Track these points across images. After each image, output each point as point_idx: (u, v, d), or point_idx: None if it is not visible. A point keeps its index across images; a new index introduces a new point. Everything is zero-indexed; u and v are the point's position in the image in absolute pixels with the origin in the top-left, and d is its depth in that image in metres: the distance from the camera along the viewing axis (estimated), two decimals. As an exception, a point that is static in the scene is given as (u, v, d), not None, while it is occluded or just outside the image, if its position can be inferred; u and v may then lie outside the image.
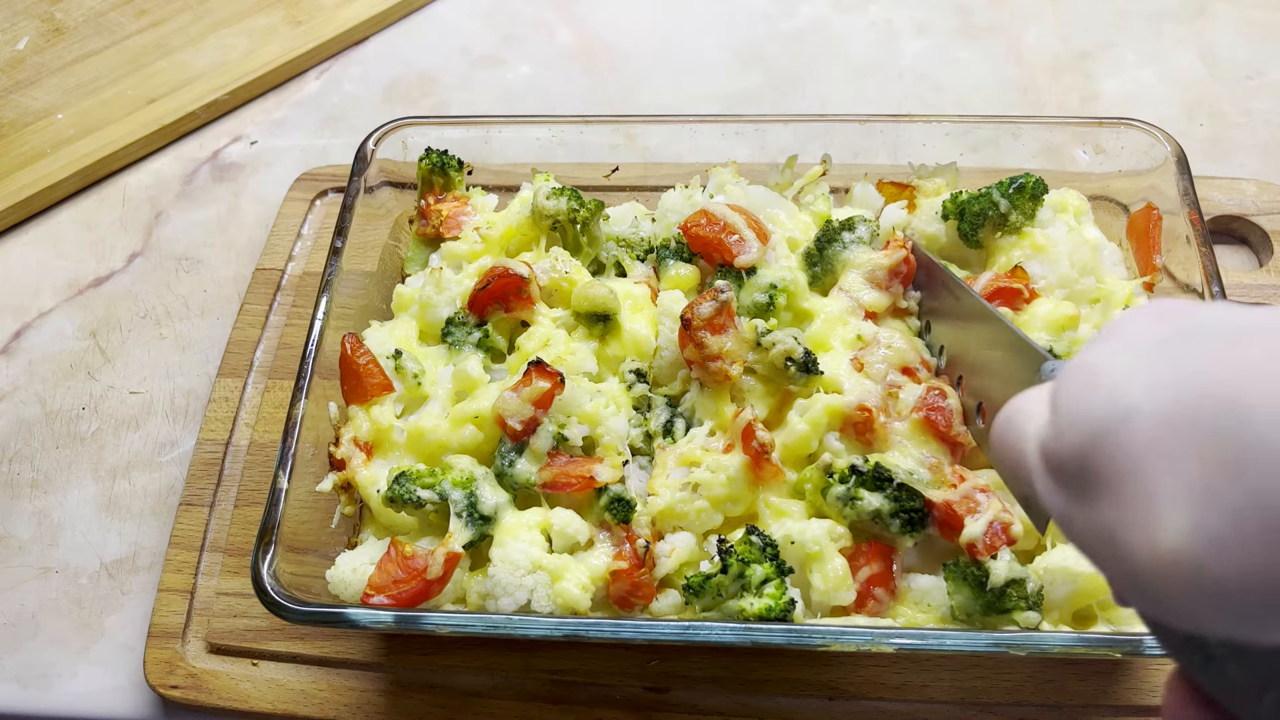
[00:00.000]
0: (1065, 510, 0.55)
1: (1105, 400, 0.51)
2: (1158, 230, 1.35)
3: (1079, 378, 0.54)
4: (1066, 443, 0.54)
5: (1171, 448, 0.47)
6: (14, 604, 1.37)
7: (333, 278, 1.33)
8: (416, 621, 1.06)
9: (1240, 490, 0.44)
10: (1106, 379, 0.52)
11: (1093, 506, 0.52)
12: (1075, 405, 0.53)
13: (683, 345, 1.22)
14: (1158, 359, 0.51)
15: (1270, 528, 0.43)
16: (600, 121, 1.51)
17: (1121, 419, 0.50)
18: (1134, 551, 0.49)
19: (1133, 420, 0.49)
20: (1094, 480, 0.51)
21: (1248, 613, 0.45)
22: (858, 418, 1.17)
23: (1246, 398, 0.45)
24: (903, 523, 1.11)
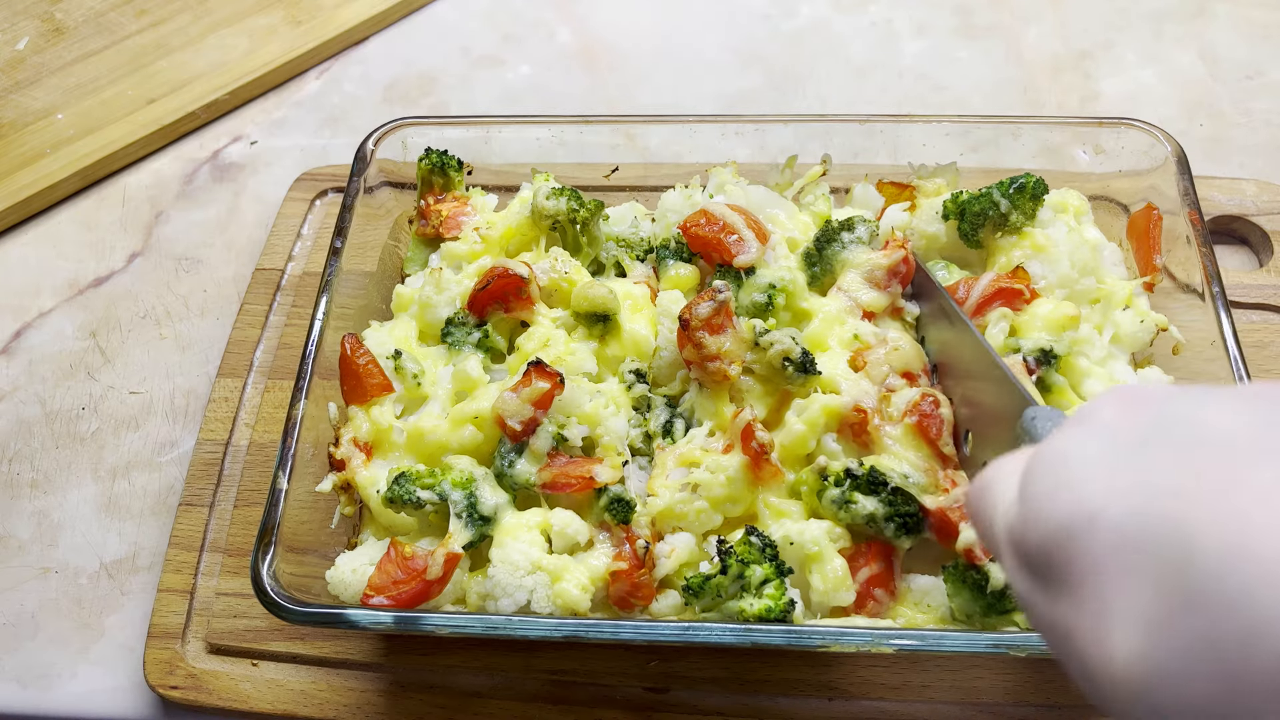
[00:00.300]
0: (1027, 595, 0.57)
1: (1070, 500, 0.53)
2: (1158, 230, 1.35)
3: (1047, 469, 0.56)
4: (1032, 534, 0.56)
5: (1129, 563, 0.48)
6: (14, 604, 1.37)
7: (332, 278, 1.33)
8: (416, 622, 1.06)
9: (1191, 629, 0.45)
10: (1074, 477, 0.54)
11: (1053, 601, 0.54)
12: (1042, 500, 0.56)
13: (681, 345, 1.22)
14: (1122, 462, 0.52)
15: (1218, 673, 0.44)
16: (600, 121, 1.51)
17: (1085, 524, 0.51)
18: (1086, 655, 0.51)
19: (1095, 527, 0.51)
20: (1056, 576, 0.54)
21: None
22: (854, 418, 1.17)
23: (1198, 528, 0.46)
24: (897, 526, 1.11)
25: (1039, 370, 1.22)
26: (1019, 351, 1.23)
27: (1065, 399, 1.23)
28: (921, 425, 1.15)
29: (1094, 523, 0.51)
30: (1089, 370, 1.25)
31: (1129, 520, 0.49)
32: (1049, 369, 1.22)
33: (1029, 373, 1.20)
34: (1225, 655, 0.44)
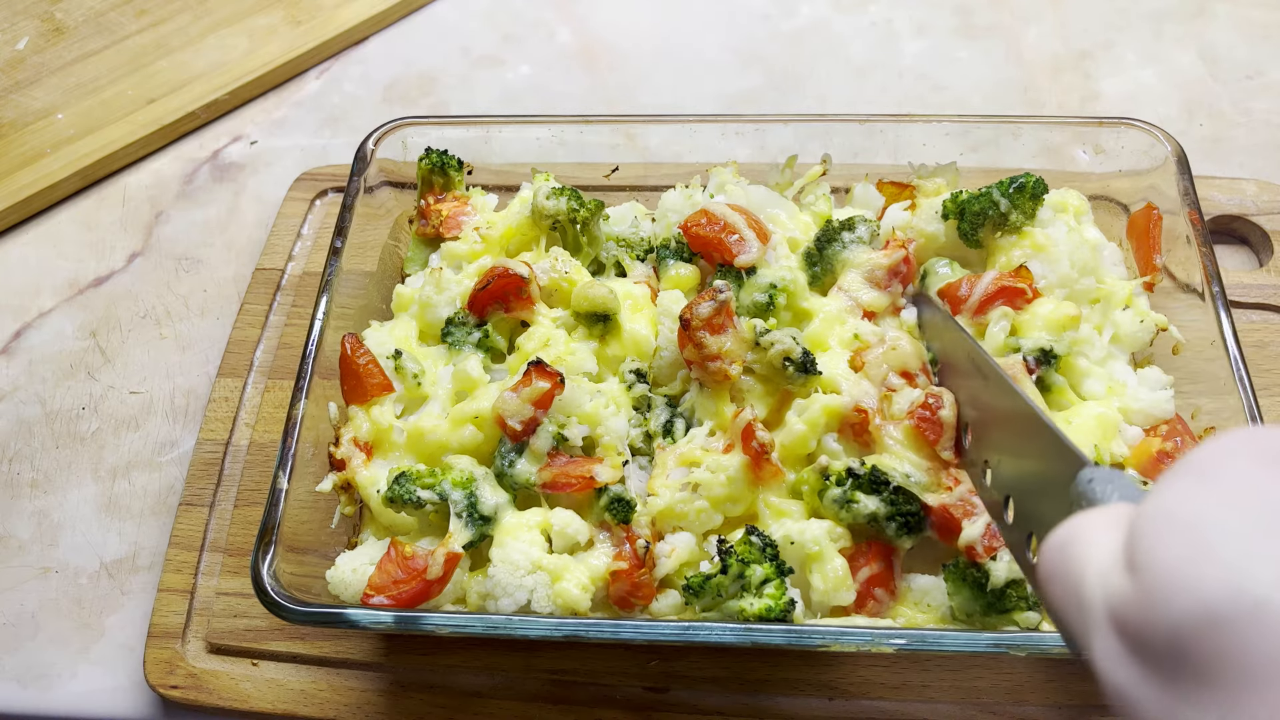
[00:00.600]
0: (1137, 689, 0.48)
1: (1220, 580, 0.44)
2: (1158, 230, 1.35)
3: (1174, 536, 0.47)
4: (1160, 617, 0.46)
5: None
6: (14, 604, 1.37)
7: (332, 278, 1.33)
8: (416, 622, 1.06)
9: None
10: (1219, 551, 0.45)
11: (1184, 701, 0.45)
12: (1175, 574, 0.46)
13: (682, 345, 1.22)
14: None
15: None
16: (600, 121, 1.51)
17: (1249, 612, 0.43)
18: None
19: (1263, 617, 0.42)
20: (1196, 672, 0.44)
21: None
22: (854, 418, 1.17)
23: None
24: (899, 525, 1.11)
25: (1039, 370, 1.22)
26: (1019, 351, 1.23)
27: (1064, 398, 1.23)
28: (920, 429, 1.15)
29: (1260, 611, 0.42)
30: (1089, 370, 1.25)
31: None
32: (1049, 369, 1.22)
33: (1029, 372, 1.20)
34: None
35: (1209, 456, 0.50)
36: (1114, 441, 1.19)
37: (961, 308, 1.29)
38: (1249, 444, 0.50)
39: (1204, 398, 1.23)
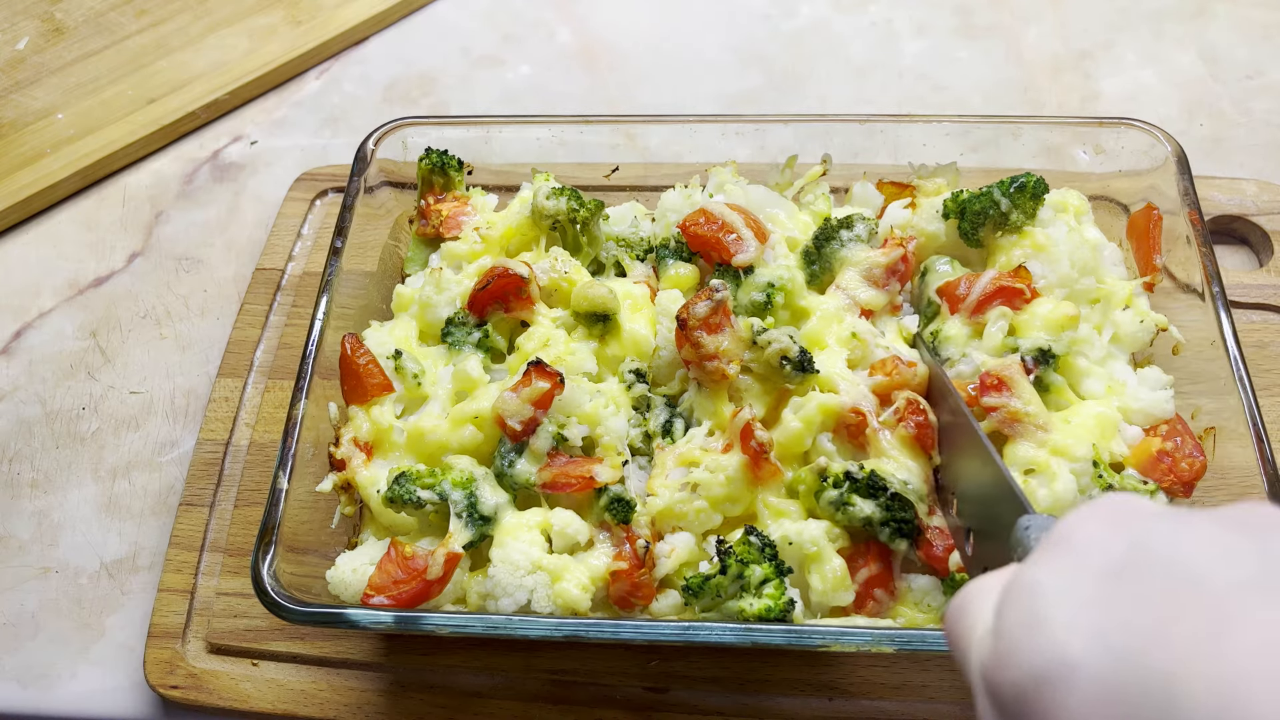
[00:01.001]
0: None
1: (1046, 644, 0.50)
2: (1158, 230, 1.35)
3: (1023, 601, 0.54)
4: (1006, 677, 0.53)
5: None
6: (14, 604, 1.37)
7: (333, 278, 1.33)
8: (416, 622, 1.06)
9: None
10: (1049, 614, 0.51)
11: None
12: (1017, 638, 0.53)
13: (679, 345, 1.22)
14: (1102, 603, 0.50)
15: None
16: (600, 121, 1.51)
17: (1062, 674, 0.49)
18: None
19: (1073, 680, 0.48)
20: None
21: None
22: (850, 420, 1.17)
23: (1184, 685, 0.43)
24: (892, 531, 1.11)
25: (1037, 369, 1.22)
26: (1017, 351, 1.23)
27: (1063, 398, 1.23)
28: (917, 436, 1.15)
29: (1072, 675, 0.48)
30: (1088, 370, 1.25)
31: (1109, 675, 0.46)
32: (1047, 368, 1.22)
33: (1027, 372, 1.20)
34: None
35: (1068, 524, 0.56)
36: (1114, 441, 1.19)
37: (959, 306, 1.29)
38: (1098, 509, 0.56)
39: (1204, 398, 1.23)
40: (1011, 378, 1.18)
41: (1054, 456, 1.12)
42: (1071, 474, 1.11)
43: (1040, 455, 1.12)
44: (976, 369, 1.23)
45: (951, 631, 0.64)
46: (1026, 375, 1.20)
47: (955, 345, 1.26)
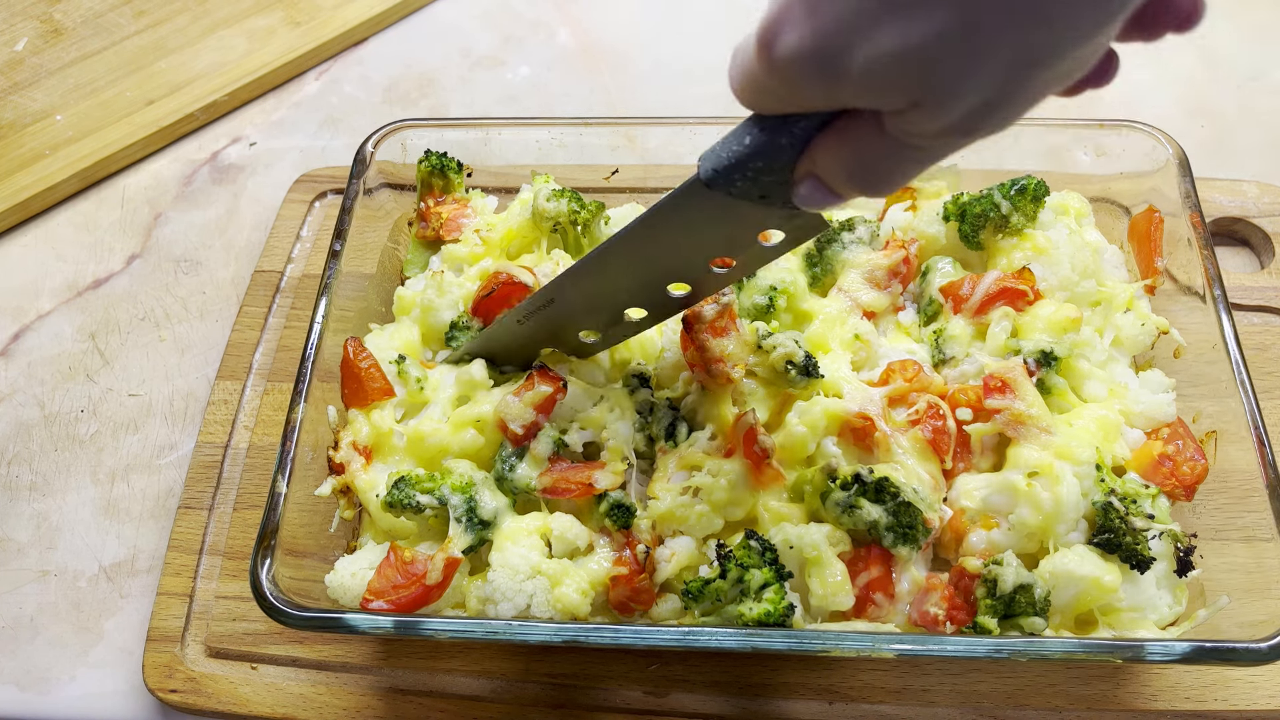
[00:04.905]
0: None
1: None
2: (1159, 232, 1.35)
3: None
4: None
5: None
6: (12, 607, 1.37)
7: (332, 280, 1.33)
8: (415, 627, 1.05)
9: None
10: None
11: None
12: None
13: (684, 348, 1.22)
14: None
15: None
16: (600, 123, 1.51)
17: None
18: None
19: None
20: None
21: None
22: (857, 423, 1.17)
23: None
24: (896, 537, 1.10)
25: (1039, 372, 1.21)
26: (1019, 353, 1.23)
27: (1065, 401, 1.23)
28: (933, 441, 1.15)
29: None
30: (1089, 373, 1.24)
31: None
32: (1049, 371, 1.22)
33: (1029, 374, 1.20)
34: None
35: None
36: (1115, 444, 1.19)
37: (963, 306, 1.28)
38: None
39: (1205, 400, 1.22)
40: (1015, 380, 1.18)
41: (1057, 459, 1.12)
42: (1075, 477, 1.11)
43: (1044, 458, 1.12)
44: (980, 370, 1.22)
45: (733, 71, 0.78)
46: (1029, 378, 1.20)
47: (959, 345, 1.26)
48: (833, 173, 0.78)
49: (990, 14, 0.60)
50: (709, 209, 0.92)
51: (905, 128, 0.70)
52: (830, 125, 0.77)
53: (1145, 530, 1.08)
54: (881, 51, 0.64)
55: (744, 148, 0.82)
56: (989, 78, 0.64)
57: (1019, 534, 1.12)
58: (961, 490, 1.16)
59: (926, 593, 1.11)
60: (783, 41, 0.68)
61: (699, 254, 1.03)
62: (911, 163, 0.75)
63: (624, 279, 1.09)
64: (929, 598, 1.10)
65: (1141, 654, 0.99)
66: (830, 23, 0.65)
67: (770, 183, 0.83)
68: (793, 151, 0.80)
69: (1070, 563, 1.08)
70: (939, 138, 0.71)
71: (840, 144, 0.76)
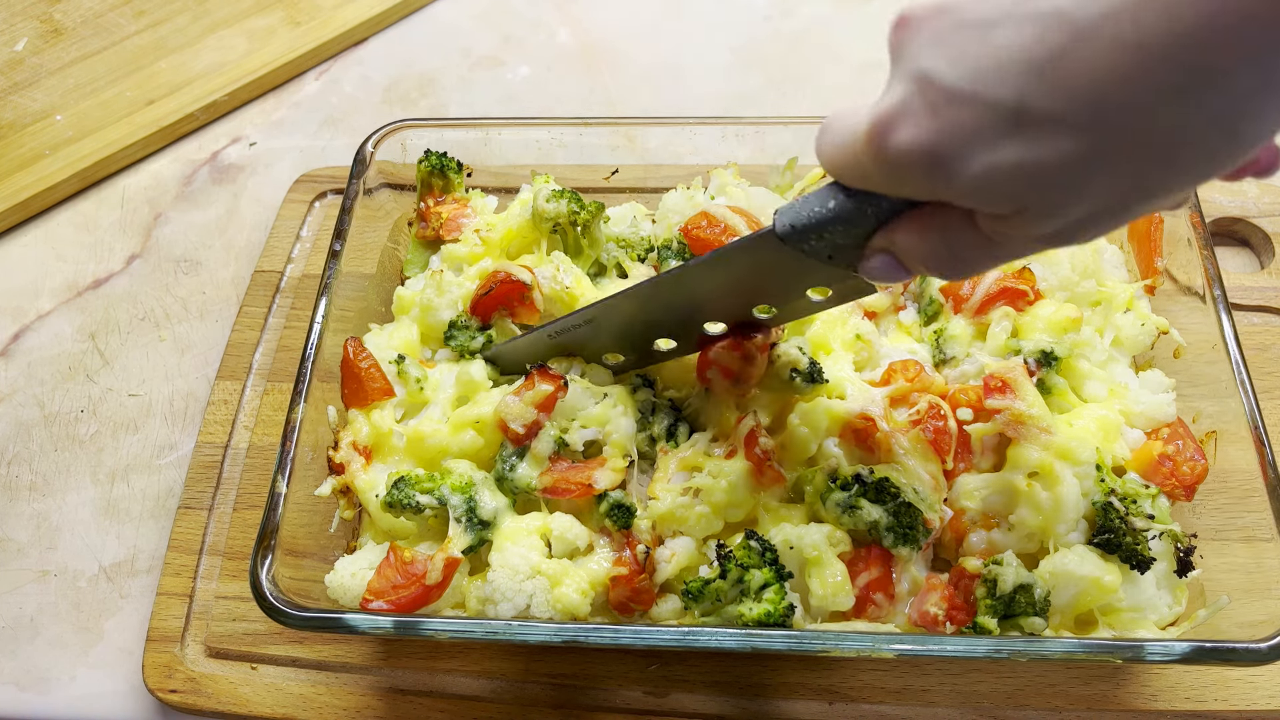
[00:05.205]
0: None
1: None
2: (1159, 233, 1.35)
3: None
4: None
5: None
6: (12, 607, 1.37)
7: (332, 280, 1.33)
8: (415, 627, 1.05)
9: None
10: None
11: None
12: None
13: (702, 368, 1.20)
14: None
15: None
16: (600, 123, 1.50)
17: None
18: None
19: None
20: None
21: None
22: (858, 424, 1.17)
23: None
24: (897, 537, 1.10)
25: (1039, 372, 1.21)
26: (1020, 353, 1.23)
27: (1065, 401, 1.23)
28: (934, 441, 1.15)
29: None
30: (1090, 373, 1.24)
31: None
32: (1049, 371, 1.22)
33: (1030, 374, 1.20)
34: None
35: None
36: (1115, 444, 1.19)
37: (963, 306, 1.29)
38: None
39: (1205, 401, 1.22)
40: (1015, 380, 1.18)
41: (1057, 459, 1.12)
42: (1075, 477, 1.11)
43: (1044, 458, 1.12)
44: (980, 369, 1.22)
45: (827, 143, 0.78)
46: (1030, 377, 1.20)
47: (959, 344, 1.26)
48: (913, 255, 0.79)
49: (1118, 148, 0.62)
50: (771, 260, 0.95)
51: (1003, 229, 0.71)
52: (917, 208, 0.78)
53: (1145, 530, 1.08)
54: (1000, 163, 0.65)
55: (827, 211, 0.84)
56: (1101, 200, 0.66)
57: (1019, 534, 1.12)
58: (962, 490, 1.16)
59: (926, 593, 1.11)
60: (898, 136, 0.69)
61: (747, 298, 1.07)
62: (999, 258, 0.76)
63: (668, 310, 1.13)
64: (929, 598, 1.10)
65: (1141, 654, 0.99)
66: (953, 128, 0.66)
67: (842, 246, 0.86)
68: (874, 223, 0.82)
69: (1070, 563, 1.08)
70: (1034, 243, 0.72)
71: (927, 230, 0.77)
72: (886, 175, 0.73)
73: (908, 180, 0.72)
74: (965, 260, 0.77)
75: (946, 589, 1.10)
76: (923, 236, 0.78)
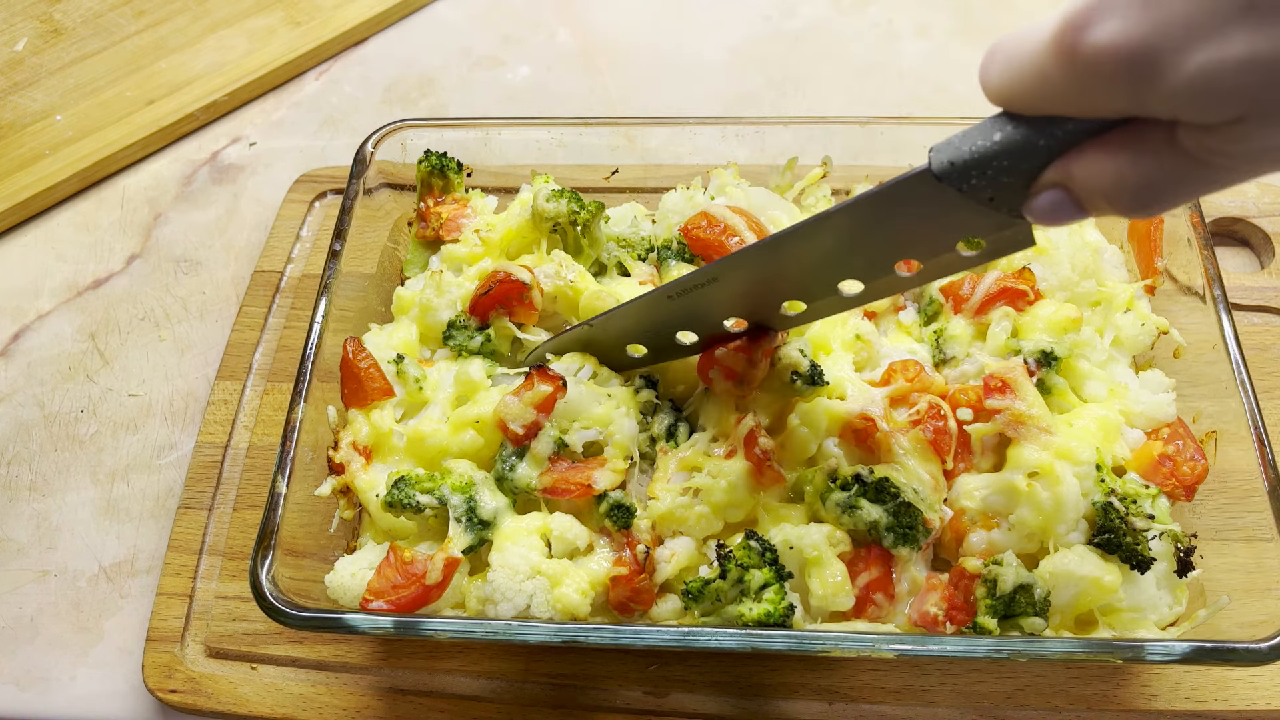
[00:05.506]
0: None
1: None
2: (1159, 233, 1.35)
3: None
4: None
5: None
6: (12, 607, 1.37)
7: (332, 280, 1.33)
8: (415, 627, 1.05)
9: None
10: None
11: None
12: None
13: (705, 366, 1.20)
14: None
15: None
16: (600, 124, 1.50)
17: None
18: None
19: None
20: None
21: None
22: (858, 424, 1.17)
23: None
24: (897, 537, 1.10)
25: (1039, 372, 1.21)
26: (1020, 353, 1.23)
27: (1066, 401, 1.23)
28: (934, 440, 1.15)
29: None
30: (1090, 372, 1.24)
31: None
32: (1049, 370, 1.22)
33: (1030, 374, 1.20)
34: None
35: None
36: (1115, 444, 1.19)
37: (963, 306, 1.29)
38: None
39: (1205, 401, 1.22)
40: (1015, 380, 1.18)
41: (1057, 459, 1.12)
42: (1075, 477, 1.11)
43: (1044, 458, 1.12)
44: (980, 369, 1.22)
45: (999, 62, 0.70)
46: (1030, 377, 1.20)
47: (959, 344, 1.26)
48: (1096, 187, 0.69)
49: None
50: (922, 206, 0.83)
51: (1215, 145, 0.62)
52: (1105, 134, 0.68)
53: (1145, 530, 1.08)
54: (1227, 57, 0.57)
55: (992, 145, 0.74)
56: None
57: (1019, 534, 1.12)
58: (962, 490, 1.16)
59: (926, 593, 1.11)
60: (1100, 31, 0.60)
61: (889, 252, 0.94)
62: (1201, 184, 0.67)
63: (796, 268, 1.00)
64: (929, 598, 1.10)
65: (1141, 654, 0.99)
66: (1171, 16, 0.57)
67: (1007, 184, 0.75)
68: (1047, 156, 0.72)
69: (1070, 563, 1.08)
70: (1249, 160, 0.63)
71: (1116, 156, 0.67)
72: (1078, 84, 0.63)
73: (1105, 89, 0.62)
74: (1159, 190, 0.66)
75: (946, 589, 1.10)
76: (1109, 165, 0.67)
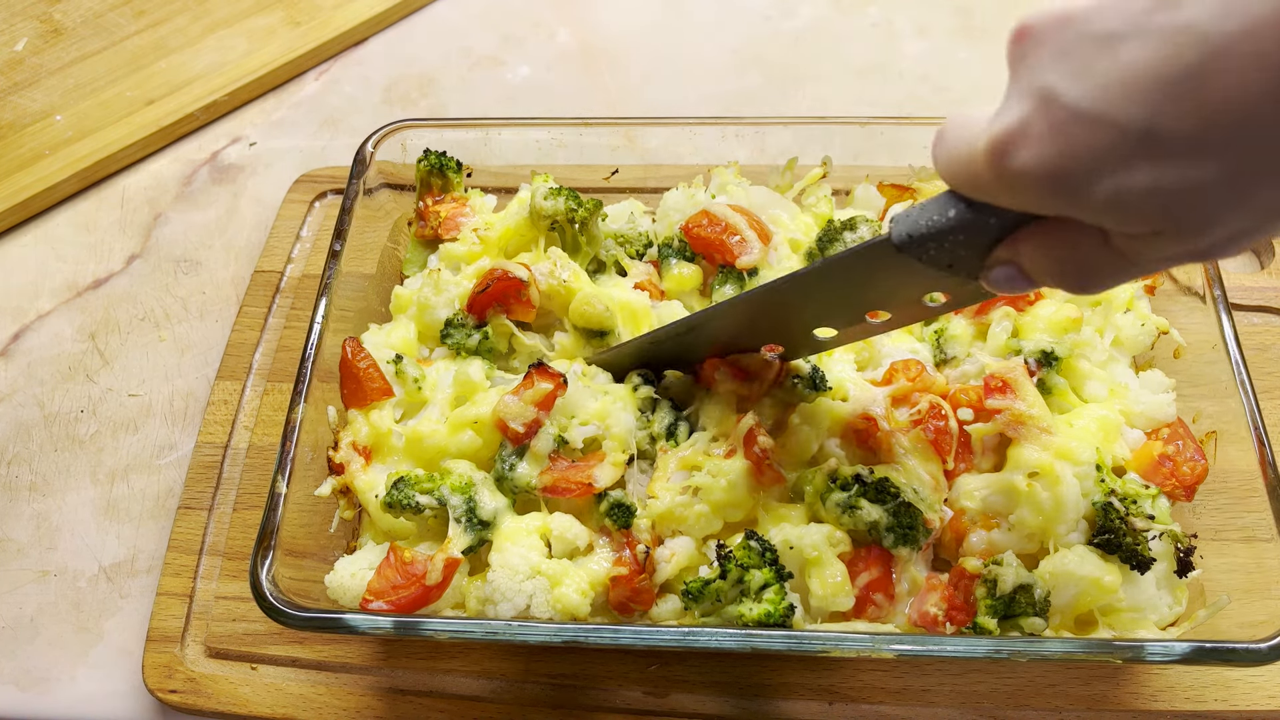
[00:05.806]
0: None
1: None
2: (1159, 233, 1.35)
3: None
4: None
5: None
6: (12, 607, 1.37)
7: (331, 280, 1.33)
8: (415, 627, 1.05)
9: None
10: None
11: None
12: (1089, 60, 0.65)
13: (712, 369, 1.20)
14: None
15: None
16: (600, 124, 1.50)
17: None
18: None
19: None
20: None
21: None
22: (860, 424, 1.17)
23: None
24: (897, 537, 1.10)
25: (1040, 372, 1.21)
26: (1020, 353, 1.23)
27: (1066, 401, 1.23)
28: (934, 441, 1.15)
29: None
30: (1090, 373, 1.24)
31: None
32: (1050, 370, 1.22)
33: (1030, 374, 1.20)
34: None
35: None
36: (1116, 444, 1.19)
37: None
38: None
39: (1205, 401, 1.22)
40: (1016, 380, 1.18)
41: (1058, 460, 1.12)
42: (1075, 478, 1.11)
43: (1044, 458, 1.12)
44: (981, 369, 1.23)
45: (944, 154, 0.76)
46: (1030, 377, 1.20)
47: (960, 344, 1.27)
48: (1040, 268, 0.76)
49: (1262, 170, 0.59)
50: (886, 268, 0.91)
51: (1139, 249, 0.68)
52: (1044, 220, 0.74)
53: (1145, 530, 1.08)
54: (1132, 186, 0.62)
55: (946, 221, 0.81)
56: (1243, 220, 0.63)
57: (1019, 534, 1.12)
58: (962, 491, 1.16)
59: (926, 593, 1.11)
60: (1020, 157, 0.66)
61: (860, 305, 1.03)
62: (1132, 275, 0.73)
63: (774, 319, 1.12)
64: (929, 598, 1.10)
65: (1141, 654, 0.99)
66: (1079, 150, 0.62)
67: (963, 256, 0.82)
68: (999, 232, 0.78)
69: (1070, 563, 1.08)
70: (1172, 261, 0.69)
71: (1055, 244, 0.74)
72: (1009, 193, 0.70)
73: (1034, 200, 0.69)
74: (1095, 276, 0.73)
75: (946, 589, 1.10)
76: (1050, 252, 0.74)
